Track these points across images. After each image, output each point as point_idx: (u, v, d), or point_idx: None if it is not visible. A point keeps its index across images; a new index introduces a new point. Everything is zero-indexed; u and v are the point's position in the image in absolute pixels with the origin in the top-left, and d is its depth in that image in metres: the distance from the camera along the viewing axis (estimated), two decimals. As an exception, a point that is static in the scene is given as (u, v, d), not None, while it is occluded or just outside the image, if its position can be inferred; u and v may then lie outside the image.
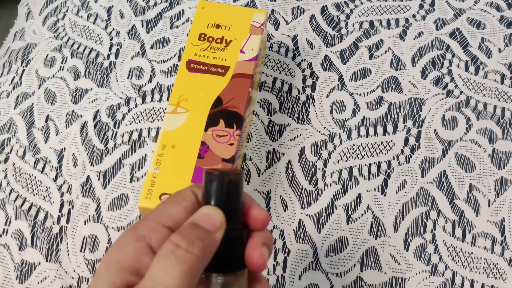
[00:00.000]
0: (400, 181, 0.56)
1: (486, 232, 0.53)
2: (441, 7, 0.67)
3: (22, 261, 0.53)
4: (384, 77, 0.62)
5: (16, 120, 0.60)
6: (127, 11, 0.67)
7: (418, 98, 0.60)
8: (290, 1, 0.67)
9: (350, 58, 0.63)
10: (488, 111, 0.59)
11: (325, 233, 0.54)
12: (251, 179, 0.56)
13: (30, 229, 0.55)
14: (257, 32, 0.53)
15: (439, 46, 0.64)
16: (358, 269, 0.52)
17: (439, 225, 0.54)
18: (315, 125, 0.59)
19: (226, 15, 0.54)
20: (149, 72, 0.63)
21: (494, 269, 0.52)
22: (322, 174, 0.56)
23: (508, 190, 0.55)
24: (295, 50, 0.64)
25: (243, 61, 0.52)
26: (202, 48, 0.52)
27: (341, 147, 0.58)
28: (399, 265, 0.52)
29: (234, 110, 0.49)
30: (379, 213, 0.54)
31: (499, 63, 0.62)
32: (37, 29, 0.67)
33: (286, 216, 0.54)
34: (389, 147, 0.57)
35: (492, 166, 0.57)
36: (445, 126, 0.59)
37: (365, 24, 0.65)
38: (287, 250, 0.53)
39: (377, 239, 0.53)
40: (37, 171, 0.57)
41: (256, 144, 0.58)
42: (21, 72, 0.63)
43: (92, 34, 0.66)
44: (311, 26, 0.65)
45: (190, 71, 0.51)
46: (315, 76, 0.62)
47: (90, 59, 0.64)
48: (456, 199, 0.55)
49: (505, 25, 0.65)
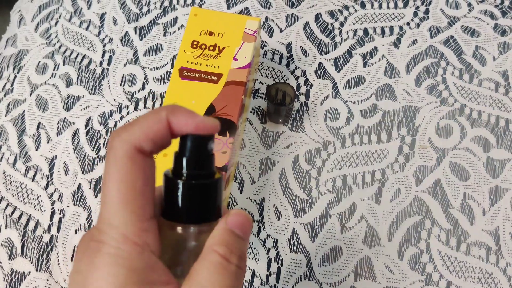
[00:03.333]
0: (394, 190, 0.55)
1: (480, 241, 0.53)
2: (435, 15, 0.67)
3: (12, 271, 0.52)
4: (378, 85, 0.61)
5: (7, 127, 0.60)
6: (120, 18, 0.67)
7: (412, 106, 0.60)
8: (284, 9, 0.67)
9: (344, 66, 0.63)
10: (482, 119, 0.59)
11: (319, 243, 0.53)
12: (244, 187, 0.56)
13: (20, 238, 0.54)
14: (250, 40, 0.53)
15: (433, 54, 0.63)
16: (352, 279, 0.51)
17: (434, 234, 0.53)
18: (309, 133, 0.58)
19: (219, 23, 0.54)
20: (142, 79, 0.62)
21: (489, 278, 0.51)
22: (316, 183, 0.56)
23: (503, 199, 0.55)
24: (289, 57, 0.63)
25: (236, 68, 0.51)
26: (194, 55, 0.52)
27: (335, 155, 0.57)
28: (393, 274, 0.52)
29: (227, 117, 0.49)
30: (373, 222, 0.54)
31: (493, 71, 0.62)
32: (29, 35, 0.66)
33: (280, 225, 0.54)
34: (383, 155, 0.57)
35: (486, 175, 0.56)
36: (440, 134, 0.58)
37: (359, 31, 0.65)
38: (280, 260, 0.52)
39: (371, 249, 0.53)
40: (28, 179, 0.57)
41: (249, 152, 0.57)
42: (13, 79, 0.63)
43: (85, 40, 0.65)
44: (305, 34, 0.65)
45: (182, 78, 0.51)
46: (309, 83, 0.62)
47: (82, 66, 0.63)
48: (451, 208, 0.54)
49: (499, 33, 0.65)
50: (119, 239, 0.22)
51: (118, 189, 0.22)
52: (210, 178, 0.25)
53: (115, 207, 0.22)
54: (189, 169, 0.25)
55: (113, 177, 0.22)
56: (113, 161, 0.23)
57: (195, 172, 0.25)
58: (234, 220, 0.25)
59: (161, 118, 0.23)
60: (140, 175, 0.23)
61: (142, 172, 0.23)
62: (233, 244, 0.24)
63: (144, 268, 0.22)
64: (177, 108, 0.24)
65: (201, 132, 0.24)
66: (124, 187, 0.22)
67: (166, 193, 0.25)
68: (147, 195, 0.23)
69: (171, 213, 0.25)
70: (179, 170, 0.25)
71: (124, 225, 0.22)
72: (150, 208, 0.23)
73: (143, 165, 0.23)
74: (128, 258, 0.22)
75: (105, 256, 0.21)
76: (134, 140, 0.23)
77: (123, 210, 0.22)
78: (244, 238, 0.25)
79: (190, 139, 0.25)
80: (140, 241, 0.22)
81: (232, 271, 0.23)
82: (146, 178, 0.23)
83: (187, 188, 0.24)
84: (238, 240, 0.25)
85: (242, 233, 0.25)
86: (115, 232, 0.22)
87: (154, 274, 0.22)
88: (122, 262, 0.21)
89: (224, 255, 0.23)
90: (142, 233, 0.22)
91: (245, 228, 0.25)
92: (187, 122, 0.24)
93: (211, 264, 0.23)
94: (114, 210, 0.22)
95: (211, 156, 0.26)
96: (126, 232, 0.22)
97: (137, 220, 0.22)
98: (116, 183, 0.22)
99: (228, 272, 0.23)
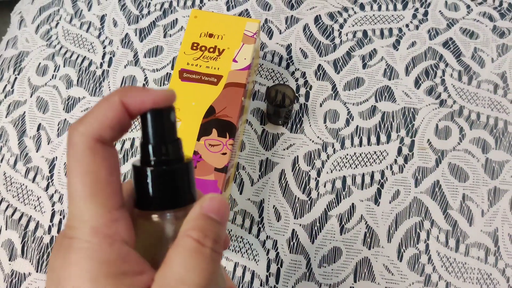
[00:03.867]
0: (393, 191, 0.56)
1: (479, 242, 0.53)
2: (434, 17, 0.67)
3: (12, 272, 0.52)
4: (378, 86, 0.62)
5: (7, 129, 0.60)
6: (120, 20, 0.67)
7: (411, 108, 0.60)
8: (284, 11, 0.67)
9: (343, 68, 0.63)
10: (481, 120, 0.59)
11: (318, 244, 0.53)
12: (244, 188, 0.56)
13: (20, 239, 0.54)
14: (250, 41, 0.53)
15: (432, 55, 0.64)
16: (351, 280, 0.52)
17: (433, 235, 0.53)
18: (308, 135, 0.59)
19: (218, 24, 0.54)
20: (142, 81, 0.62)
21: (487, 279, 0.51)
22: (315, 184, 0.56)
23: (502, 200, 0.55)
24: (288, 59, 0.64)
25: (236, 70, 0.51)
26: (194, 57, 0.52)
27: (335, 157, 0.57)
28: (392, 275, 0.52)
29: (227, 119, 0.49)
30: (372, 223, 0.54)
31: (492, 73, 0.62)
32: (29, 37, 0.66)
33: (279, 226, 0.54)
34: (382, 156, 0.57)
35: (485, 176, 0.56)
36: (439, 135, 0.59)
37: (358, 33, 0.66)
38: (280, 261, 0.52)
39: (370, 250, 0.53)
40: (29, 180, 0.57)
41: (249, 153, 0.58)
42: (13, 80, 0.63)
43: (85, 42, 0.66)
44: (304, 36, 0.65)
45: (182, 80, 0.51)
46: (308, 85, 0.62)
47: (82, 67, 0.64)
48: (450, 209, 0.55)
49: (498, 35, 0.65)
50: (89, 233, 0.22)
51: (82, 182, 0.22)
52: (179, 162, 0.25)
53: (81, 201, 0.22)
54: (156, 155, 0.24)
55: (76, 171, 0.22)
56: (74, 156, 0.22)
57: (163, 157, 0.24)
58: (210, 205, 0.24)
59: (114, 103, 0.23)
60: (103, 165, 0.22)
61: (104, 161, 0.22)
62: (207, 228, 0.24)
63: (116, 259, 0.22)
64: (129, 89, 0.24)
65: (159, 105, 0.24)
66: (88, 180, 0.22)
67: (136, 183, 0.24)
68: (113, 184, 0.23)
69: (144, 202, 0.24)
70: (146, 158, 0.24)
71: (92, 217, 0.22)
72: (118, 197, 0.23)
73: (104, 155, 0.23)
74: (98, 251, 0.21)
75: (77, 251, 0.21)
76: (91, 131, 0.22)
77: (89, 202, 0.22)
78: (221, 222, 0.24)
79: (151, 114, 0.24)
80: (110, 231, 0.22)
81: (207, 254, 0.23)
82: (110, 167, 0.23)
83: (155, 174, 0.24)
84: (213, 224, 0.24)
85: (219, 217, 0.24)
86: (84, 226, 0.22)
87: (125, 264, 0.22)
88: (92, 255, 0.21)
89: (198, 239, 0.23)
90: (111, 224, 0.22)
91: (221, 212, 0.24)
92: (143, 99, 0.24)
93: (185, 249, 0.22)
94: (81, 204, 0.22)
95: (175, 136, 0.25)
96: (95, 224, 0.22)
97: (105, 211, 0.22)
98: (79, 176, 0.22)
99: (202, 255, 0.22)
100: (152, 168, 0.24)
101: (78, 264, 0.21)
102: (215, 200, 0.24)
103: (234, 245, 0.53)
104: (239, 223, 0.54)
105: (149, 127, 0.24)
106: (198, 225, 0.23)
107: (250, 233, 0.54)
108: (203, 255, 0.22)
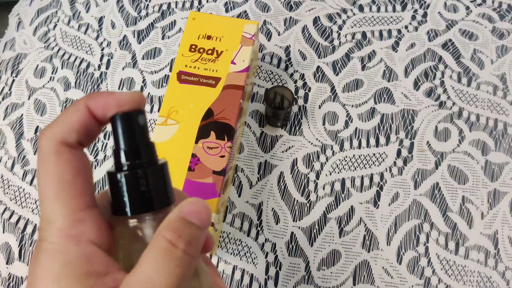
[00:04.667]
0: (392, 193, 0.55)
1: (479, 245, 0.53)
2: (433, 18, 0.67)
3: (10, 275, 0.52)
4: (377, 88, 0.61)
5: (5, 131, 0.60)
6: (118, 22, 0.67)
7: (410, 110, 0.60)
8: (283, 12, 0.67)
9: (342, 69, 0.63)
10: (480, 122, 0.59)
11: (317, 246, 0.53)
12: (242, 191, 0.56)
13: (18, 243, 0.54)
14: (248, 43, 0.53)
15: (431, 57, 0.63)
16: (350, 283, 0.51)
17: (432, 238, 0.53)
18: (307, 137, 0.58)
19: (217, 26, 0.54)
20: (140, 83, 0.62)
21: (487, 282, 0.51)
22: (314, 186, 0.56)
23: (501, 202, 0.55)
24: (287, 61, 0.63)
25: (234, 72, 0.51)
26: (193, 59, 0.52)
27: (334, 159, 0.57)
28: (392, 278, 0.51)
29: (225, 121, 0.49)
30: (371, 225, 0.54)
31: (491, 74, 0.62)
32: (27, 39, 0.66)
33: (278, 229, 0.54)
34: (381, 158, 0.57)
35: (485, 178, 0.56)
36: (438, 137, 0.58)
37: (357, 35, 0.65)
38: (279, 264, 0.52)
39: (369, 252, 0.53)
40: (26, 183, 0.57)
41: (248, 155, 0.57)
42: (11, 83, 0.63)
43: (83, 44, 0.65)
44: (303, 37, 0.65)
45: (180, 82, 0.51)
46: (307, 87, 0.62)
47: (80, 69, 0.63)
48: (449, 212, 0.54)
49: (497, 36, 0.65)
50: (55, 234, 0.22)
51: (48, 184, 0.23)
52: (150, 165, 0.24)
53: (48, 203, 0.23)
54: (127, 159, 0.24)
55: (42, 174, 0.23)
56: (41, 159, 0.23)
57: (134, 161, 0.24)
58: (189, 208, 0.24)
59: (80, 107, 0.24)
60: (67, 167, 0.23)
61: (69, 163, 0.23)
62: (182, 230, 0.23)
63: (79, 260, 0.22)
64: (95, 93, 0.24)
65: (124, 108, 0.24)
66: (53, 182, 0.23)
67: (111, 190, 0.24)
68: (78, 185, 0.23)
69: (117, 207, 0.24)
70: (117, 163, 0.24)
71: (58, 218, 0.22)
72: (85, 198, 0.23)
73: (69, 157, 0.23)
74: (63, 251, 0.22)
75: (44, 252, 0.22)
76: (56, 134, 0.23)
77: (54, 204, 0.22)
78: (200, 226, 0.24)
79: (118, 118, 0.24)
80: (75, 232, 0.22)
81: (177, 256, 0.22)
82: (75, 169, 0.23)
83: (122, 179, 0.24)
84: (190, 226, 0.24)
85: (198, 221, 0.24)
86: (51, 228, 0.22)
87: (90, 265, 0.22)
88: (56, 256, 0.22)
89: (170, 239, 0.23)
90: (76, 224, 0.22)
91: (201, 216, 0.24)
92: (107, 102, 0.24)
93: (156, 250, 0.22)
94: (48, 206, 0.23)
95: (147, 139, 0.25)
96: (60, 225, 0.22)
97: (70, 211, 0.22)
98: (45, 179, 0.23)
99: (173, 257, 0.22)
100: (119, 173, 0.24)
101: (44, 266, 0.22)
102: (195, 204, 0.24)
103: (232, 248, 0.53)
104: (238, 226, 0.54)
105: (117, 132, 0.24)
106: (173, 226, 0.23)
107: (249, 236, 0.53)
108: (173, 256, 0.22)
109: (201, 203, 0.24)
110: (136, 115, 0.24)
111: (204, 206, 0.24)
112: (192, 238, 0.23)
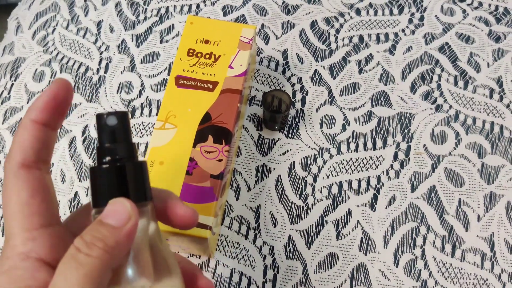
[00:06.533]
0: (389, 196, 0.56)
1: (475, 247, 0.53)
2: (430, 21, 0.67)
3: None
4: (374, 91, 0.62)
5: (4, 135, 0.60)
6: (117, 26, 0.67)
7: (407, 113, 0.60)
8: (280, 16, 0.68)
9: (339, 73, 0.63)
10: (477, 125, 0.60)
11: (314, 249, 0.53)
12: (240, 194, 0.56)
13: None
14: (245, 48, 0.53)
15: (428, 60, 0.64)
16: (347, 285, 0.52)
17: (429, 241, 0.53)
18: (304, 140, 0.59)
19: (214, 31, 0.54)
20: (139, 87, 0.62)
21: (483, 284, 0.52)
22: (311, 189, 0.56)
23: (498, 205, 0.55)
24: (285, 64, 0.64)
25: (232, 76, 0.51)
26: (190, 63, 0.52)
27: (331, 162, 0.57)
28: (389, 281, 0.52)
29: (222, 125, 0.49)
30: (368, 228, 0.54)
31: (488, 78, 0.63)
32: (26, 43, 0.66)
33: (276, 232, 0.54)
34: (378, 162, 0.57)
35: (481, 181, 0.57)
36: (435, 140, 0.59)
37: (354, 38, 0.66)
38: (276, 267, 0.52)
39: (366, 255, 0.53)
40: (25, 186, 0.57)
41: (245, 159, 0.58)
42: (10, 87, 0.63)
43: (82, 48, 0.66)
44: (301, 41, 0.66)
45: (178, 86, 0.51)
46: (304, 90, 0.62)
47: (79, 73, 0.64)
48: (446, 214, 0.55)
49: (493, 39, 0.65)
50: (10, 250, 0.24)
51: (8, 205, 0.24)
52: (130, 160, 0.26)
53: (7, 222, 0.24)
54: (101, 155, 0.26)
55: (4, 195, 0.24)
56: (4, 182, 0.25)
57: (113, 157, 0.26)
58: (106, 209, 0.25)
59: (26, 125, 0.25)
60: (24, 188, 0.24)
61: (26, 185, 0.24)
62: (90, 233, 0.24)
63: (23, 275, 0.23)
64: (31, 105, 0.25)
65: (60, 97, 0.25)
66: (12, 202, 0.24)
67: (91, 185, 0.26)
68: (35, 206, 0.24)
69: (95, 200, 0.26)
70: (99, 160, 0.26)
71: (12, 236, 0.24)
72: (40, 217, 0.24)
73: (27, 178, 0.25)
74: (13, 266, 0.23)
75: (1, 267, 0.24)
76: (14, 159, 0.25)
77: (12, 222, 0.24)
78: (116, 225, 0.24)
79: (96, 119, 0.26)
80: (25, 249, 0.24)
81: (78, 259, 0.22)
82: (31, 190, 0.24)
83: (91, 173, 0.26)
84: (101, 228, 0.24)
85: (114, 220, 0.24)
86: (7, 245, 0.24)
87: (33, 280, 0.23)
88: (6, 271, 0.23)
89: (76, 245, 0.23)
90: (28, 242, 0.24)
91: (117, 214, 0.24)
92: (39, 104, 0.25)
93: (64, 258, 0.23)
94: (7, 225, 0.24)
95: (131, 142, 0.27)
96: (13, 242, 0.24)
97: (22, 230, 0.24)
98: (6, 200, 0.24)
99: (74, 261, 0.22)
100: (97, 166, 0.26)
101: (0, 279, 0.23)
102: (111, 204, 0.25)
103: (230, 251, 0.53)
104: (236, 229, 0.54)
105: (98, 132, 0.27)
106: (87, 230, 0.24)
107: (247, 239, 0.54)
108: (74, 261, 0.23)
109: (118, 201, 0.25)
110: (106, 117, 0.26)
111: (121, 204, 0.25)
112: (97, 240, 0.23)
